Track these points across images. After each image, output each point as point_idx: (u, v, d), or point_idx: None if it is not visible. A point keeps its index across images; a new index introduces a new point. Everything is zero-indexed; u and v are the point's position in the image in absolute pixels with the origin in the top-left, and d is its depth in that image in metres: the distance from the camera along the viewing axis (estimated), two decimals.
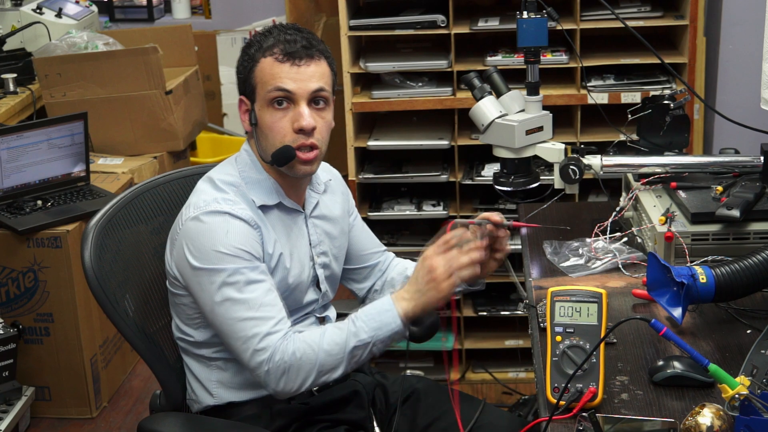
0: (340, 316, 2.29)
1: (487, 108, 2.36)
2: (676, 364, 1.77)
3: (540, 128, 2.37)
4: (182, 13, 5.40)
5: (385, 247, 2.36)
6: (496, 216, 2.00)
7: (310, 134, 1.99)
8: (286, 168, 2.02)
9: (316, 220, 2.15)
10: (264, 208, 2.04)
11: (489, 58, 3.19)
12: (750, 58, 3.28)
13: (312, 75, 1.99)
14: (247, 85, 2.03)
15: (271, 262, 2.02)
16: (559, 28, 2.61)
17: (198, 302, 1.99)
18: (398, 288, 2.26)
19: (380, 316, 1.93)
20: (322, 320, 2.18)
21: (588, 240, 2.33)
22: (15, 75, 3.94)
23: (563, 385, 1.69)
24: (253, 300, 1.93)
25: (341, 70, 3.16)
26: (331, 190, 2.22)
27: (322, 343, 1.92)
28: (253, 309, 1.92)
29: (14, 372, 3.23)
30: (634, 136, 2.52)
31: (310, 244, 2.13)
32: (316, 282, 2.15)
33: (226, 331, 1.95)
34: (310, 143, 2.00)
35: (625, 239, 2.32)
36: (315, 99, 2.00)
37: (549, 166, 2.74)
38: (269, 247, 2.02)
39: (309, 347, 1.92)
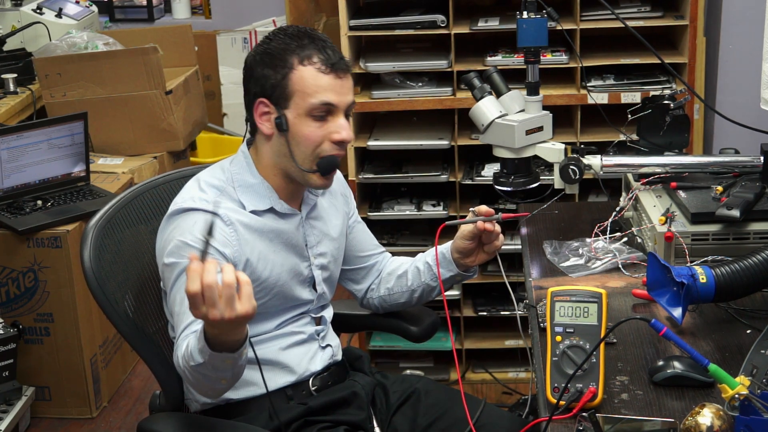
0: (337, 316, 2.29)
1: (487, 108, 2.36)
2: (676, 364, 1.77)
3: (540, 128, 2.37)
4: (182, 13, 5.40)
5: (383, 248, 2.36)
6: (483, 207, 2.08)
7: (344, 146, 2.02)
8: (321, 178, 2.02)
9: (314, 222, 2.15)
10: (255, 212, 2.04)
11: (489, 58, 3.19)
12: (750, 58, 3.28)
13: (349, 88, 2.01)
14: (276, 90, 1.97)
15: (239, 265, 1.99)
16: (559, 28, 2.61)
17: (168, 298, 1.99)
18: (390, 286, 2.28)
19: (200, 340, 1.76)
20: (318, 320, 2.18)
21: (588, 240, 2.33)
22: (15, 75, 3.94)
23: (563, 385, 1.69)
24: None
25: None
26: (330, 191, 2.21)
27: (184, 355, 1.84)
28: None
29: (14, 372, 3.23)
30: (634, 136, 2.52)
31: (306, 245, 2.13)
32: (312, 283, 2.15)
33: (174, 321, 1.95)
34: (342, 153, 2.02)
35: (625, 239, 2.32)
36: (348, 111, 2.02)
37: (549, 166, 2.74)
38: (243, 249, 2.00)
39: (178, 356, 1.86)
